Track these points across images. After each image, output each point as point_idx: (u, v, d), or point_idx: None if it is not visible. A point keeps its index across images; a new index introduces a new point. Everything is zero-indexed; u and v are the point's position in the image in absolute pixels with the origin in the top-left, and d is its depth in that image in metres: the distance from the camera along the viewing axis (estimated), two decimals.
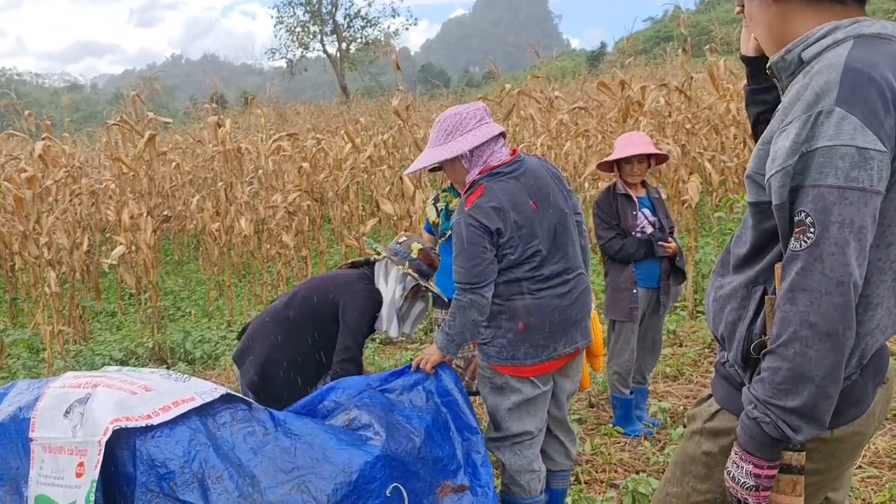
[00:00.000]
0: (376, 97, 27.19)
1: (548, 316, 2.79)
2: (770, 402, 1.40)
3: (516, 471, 2.94)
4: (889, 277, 1.44)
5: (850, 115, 1.30)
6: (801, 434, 1.40)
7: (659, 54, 17.94)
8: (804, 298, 1.34)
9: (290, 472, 2.39)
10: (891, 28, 1.44)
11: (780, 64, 1.50)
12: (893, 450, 3.69)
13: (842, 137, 1.29)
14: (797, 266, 1.35)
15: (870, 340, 1.47)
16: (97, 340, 7.35)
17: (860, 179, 1.30)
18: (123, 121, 7.57)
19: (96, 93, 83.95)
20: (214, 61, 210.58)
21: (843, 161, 1.29)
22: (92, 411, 2.32)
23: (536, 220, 2.78)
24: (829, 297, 1.32)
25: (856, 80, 1.31)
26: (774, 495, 1.51)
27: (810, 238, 1.33)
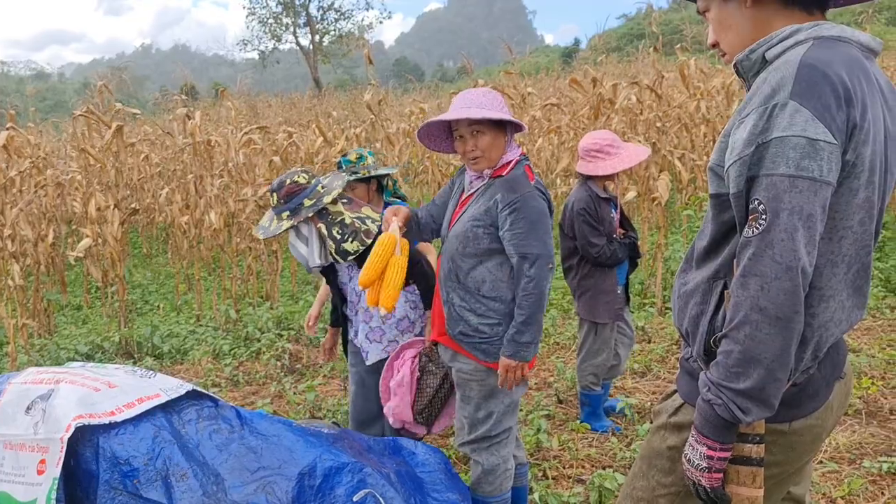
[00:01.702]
0: (349, 90, 27.05)
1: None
2: (722, 384, 1.45)
3: (491, 470, 2.92)
4: (841, 271, 1.49)
5: (803, 108, 1.35)
6: (750, 416, 1.44)
7: (631, 52, 18.07)
8: (755, 283, 1.39)
9: (256, 471, 2.37)
10: (849, 32, 1.49)
11: (745, 63, 1.55)
12: (853, 445, 3.76)
13: (794, 129, 1.35)
14: (749, 252, 1.40)
15: (824, 333, 1.51)
16: (62, 334, 7.23)
17: (810, 169, 1.35)
18: (90, 111, 7.44)
19: (63, 82, 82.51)
20: (185, 52, 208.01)
21: (795, 151, 1.35)
22: (54, 408, 2.29)
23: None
24: (778, 281, 1.37)
25: (810, 76, 1.37)
26: (735, 487, 1.54)
27: (762, 225, 1.38)
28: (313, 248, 3.22)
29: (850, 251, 1.48)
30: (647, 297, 6.94)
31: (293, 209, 3.16)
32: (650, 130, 8.82)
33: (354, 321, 3.46)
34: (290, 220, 3.15)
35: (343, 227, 3.18)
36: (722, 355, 1.46)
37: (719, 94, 10.05)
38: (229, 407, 2.62)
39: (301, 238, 3.22)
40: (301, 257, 3.24)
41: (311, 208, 3.14)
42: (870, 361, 4.82)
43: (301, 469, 2.43)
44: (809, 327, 1.49)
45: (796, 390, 1.54)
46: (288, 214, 3.16)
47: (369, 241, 3.14)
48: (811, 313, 1.49)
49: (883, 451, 3.70)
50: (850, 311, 1.55)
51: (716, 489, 1.53)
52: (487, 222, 2.68)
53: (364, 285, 2.75)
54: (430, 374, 3.23)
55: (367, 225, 3.21)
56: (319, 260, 3.21)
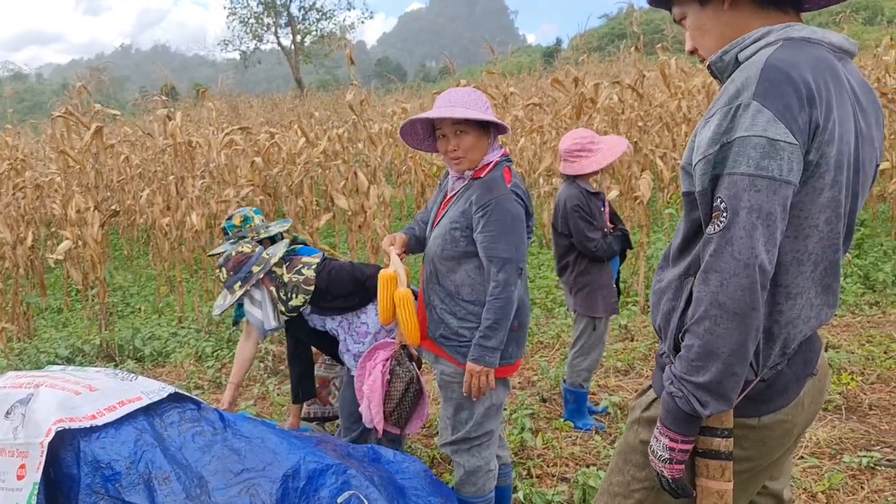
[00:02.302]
0: (331, 91, 26.98)
1: (527, 313, 2.84)
2: (683, 377, 1.49)
3: (473, 471, 2.90)
4: (808, 269, 1.51)
5: (765, 108, 1.38)
6: (709, 409, 1.47)
7: (613, 51, 18.13)
8: (715, 279, 1.42)
9: (239, 473, 2.36)
10: (820, 33, 1.51)
11: (718, 64, 1.57)
12: (833, 440, 3.80)
13: (755, 129, 1.38)
14: (711, 248, 1.44)
15: (791, 330, 1.53)
16: (42, 338, 7.16)
17: (770, 169, 1.38)
18: (69, 112, 7.37)
19: (41, 83, 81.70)
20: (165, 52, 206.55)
21: (755, 151, 1.38)
22: (34, 412, 2.27)
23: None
24: (736, 278, 1.40)
25: (774, 77, 1.39)
26: (705, 480, 1.56)
27: (722, 222, 1.41)
28: (268, 311, 3.40)
29: (815, 249, 1.50)
30: (629, 295, 6.98)
31: (244, 277, 3.38)
32: (632, 129, 8.87)
33: (340, 350, 3.54)
34: (241, 288, 3.37)
35: (284, 287, 3.41)
36: (684, 349, 1.50)
37: (700, 93, 10.12)
38: (212, 409, 2.61)
39: (255, 304, 3.40)
40: (257, 322, 3.40)
41: (261, 272, 3.39)
42: (849, 357, 4.88)
43: (285, 471, 2.42)
44: (777, 324, 1.52)
45: (765, 386, 1.56)
46: (240, 284, 3.38)
47: (311, 288, 3.38)
48: (778, 310, 1.51)
49: (862, 446, 3.74)
50: (820, 309, 1.57)
51: (677, 480, 1.55)
52: (464, 224, 2.66)
53: (386, 324, 2.92)
54: (398, 378, 3.23)
55: (304, 273, 3.43)
56: (275, 322, 3.40)
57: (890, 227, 8.59)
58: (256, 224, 3.69)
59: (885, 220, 9.01)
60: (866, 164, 1.54)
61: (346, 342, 3.46)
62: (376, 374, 3.23)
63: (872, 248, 7.77)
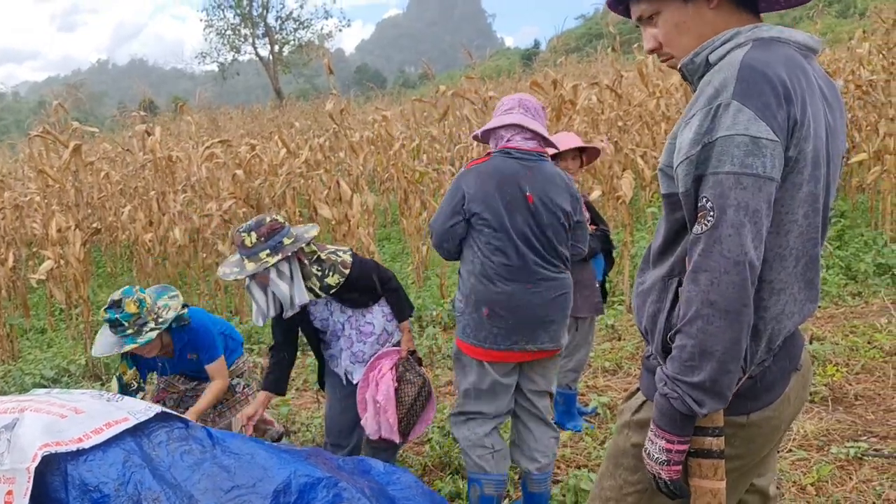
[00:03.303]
0: (311, 100, 26.92)
1: (514, 309, 2.93)
2: (677, 378, 1.49)
3: (465, 445, 3.07)
4: (790, 264, 1.53)
5: (745, 107, 1.40)
6: (705, 408, 1.48)
7: (590, 52, 18.22)
8: (705, 278, 1.43)
9: (230, 491, 2.35)
10: (787, 33, 1.54)
11: (689, 66, 1.59)
12: (821, 432, 3.83)
13: (737, 128, 1.40)
14: (699, 248, 1.44)
15: (776, 325, 1.55)
16: (27, 359, 7.09)
17: (754, 166, 1.40)
18: (46, 131, 7.32)
19: (18, 101, 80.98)
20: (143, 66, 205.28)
21: (738, 149, 1.40)
22: (19, 437, 2.25)
23: (518, 206, 2.93)
24: (727, 276, 1.41)
25: (751, 76, 1.42)
26: (698, 480, 1.57)
27: (710, 221, 1.43)
28: (300, 286, 3.17)
29: (797, 244, 1.52)
30: (615, 294, 7.01)
31: (274, 247, 3.11)
32: (612, 130, 8.92)
33: (334, 348, 3.46)
34: (272, 257, 3.09)
35: (321, 263, 3.24)
36: (676, 350, 1.50)
37: (678, 92, 10.18)
38: (200, 427, 2.59)
39: (283, 277, 3.14)
40: (284, 296, 3.14)
41: (293, 245, 3.14)
42: (833, 349, 4.92)
43: (276, 486, 2.41)
44: (762, 320, 1.53)
45: (752, 383, 1.57)
46: (269, 252, 3.10)
47: (347, 272, 3.23)
48: (763, 306, 1.52)
49: (849, 437, 3.78)
50: (803, 304, 1.59)
51: (675, 481, 1.56)
52: None
53: None
54: (409, 383, 3.28)
55: (341, 256, 3.30)
56: (306, 297, 3.18)
57: (869, 218, 8.68)
58: (152, 306, 3.44)
59: (865, 210, 9.10)
60: (835, 157, 1.57)
61: (351, 337, 3.37)
62: (388, 383, 3.23)
63: (853, 238, 7.84)
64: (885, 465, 3.44)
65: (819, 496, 3.23)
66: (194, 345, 3.61)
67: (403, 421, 3.27)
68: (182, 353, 3.64)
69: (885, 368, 4.60)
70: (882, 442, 3.71)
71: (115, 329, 3.33)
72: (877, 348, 4.92)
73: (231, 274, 3.14)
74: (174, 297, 3.58)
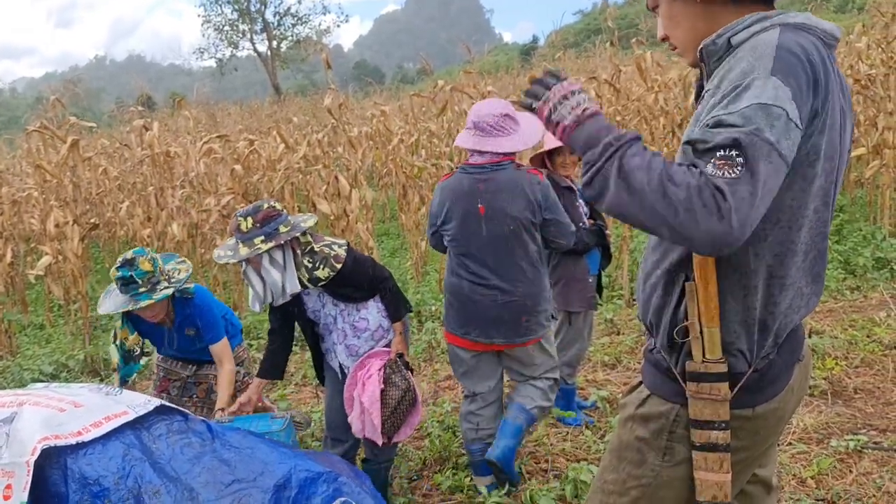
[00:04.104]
0: (309, 95, 26.89)
1: (465, 303, 3.34)
2: (618, 154, 1.40)
3: (459, 416, 3.60)
4: (800, 259, 1.52)
5: (785, 85, 1.32)
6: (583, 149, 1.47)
7: (589, 47, 18.20)
8: (683, 195, 1.30)
9: (230, 484, 2.34)
10: (813, 20, 1.50)
11: (710, 48, 1.53)
12: (820, 425, 3.84)
13: (778, 101, 1.31)
14: (713, 182, 1.30)
15: (783, 320, 1.54)
16: (25, 355, 7.08)
17: (783, 147, 1.31)
18: (44, 126, 7.30)
19: (15, 97, 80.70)
20: (140, 62, 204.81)
21: (778, 122, 1.30)
22: (18, 431, 2.23)
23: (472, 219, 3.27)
24: (706, 222, 1.29)
25: (788, 59, 1.36)
26: (703, 473, 1.57)
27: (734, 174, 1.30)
28: (292, 274, 3.16)
29: (807, 239, 1.50)
30: (614, 289, 7.01)
31: (269, 234, 3.10)
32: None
33: (328, 342, 3.44)
34: (266, 243, 3.07)
35: (313, 255, 3.21)
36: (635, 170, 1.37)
37: (676, 86, 10.17)
38: (199, 420, 2.58)
39: (276, 265, 3.12)
40: (275, 284, 3.13)
41: (288, 234, 3.12)
42: (833, 342, 4.92)
43: (276, 481, 2.40)
44: (772, 315, 1.52)
45: (758, 376, 1.57)
46: (263, 239, 3.08)
47: (339, 266, 3.20)
48: (773, 302, 1.52)
49: (849, 430, 3.78)
50: (809, 298, 1.59)
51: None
52: None
53: None
54: (394, 386, 3.26)
55: (335, 250, 3.26)
56: (297, 287, 3.16)
57: (868, 212, 8.68)
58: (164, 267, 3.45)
59: (863, 205, 9.10)
60: (844, 153, 1.55)
61: (345, 331, 3.36)
62: (374, 384, 3.22)
63: (851, 233, 7.84)
64: (884, 458, 3.45)
65: (819, 489, 3.24)
66: (194, 320, 3.56)
67: (387, 422, 3.25)
68: (181, 327, 3.59)
69: (884, 362, 4.60)
70: (881, 435, 3.71)
71: (126, 287, 3.30)
72: (876, 342, 4.92)
73: (224, 257, 3.14)
74: (182, 262, 3.60)
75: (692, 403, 1.57)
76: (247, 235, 3.10)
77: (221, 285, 8.22)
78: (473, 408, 3.50)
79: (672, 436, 1.64)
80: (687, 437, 1.61)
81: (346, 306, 3.34)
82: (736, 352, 1.56)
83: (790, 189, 1.43)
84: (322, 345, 3.48)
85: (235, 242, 3.16)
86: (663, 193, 1.31)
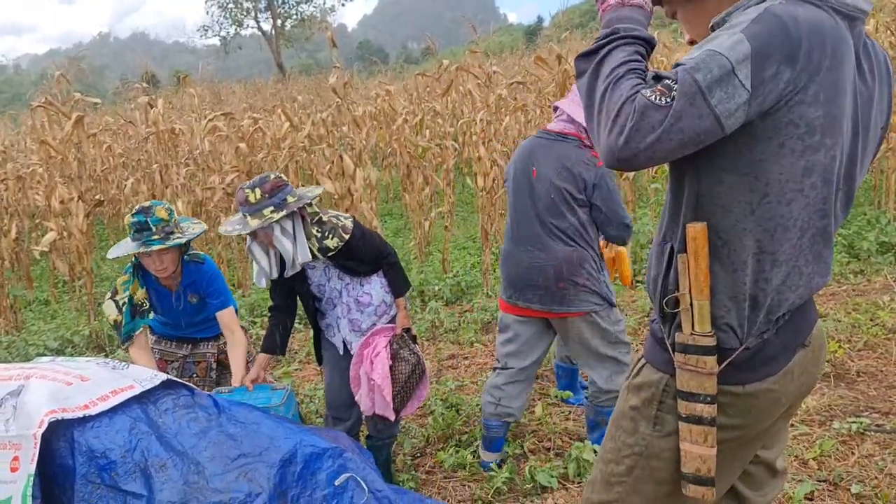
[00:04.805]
0: (314, 75, 26.76)
1: (509, 265, 3.43)
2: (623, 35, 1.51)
3: (483, 388, 3.66)
4: (794, 236, 1.50)
5: (748, 43, 1.34)
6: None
7: (594, 28, 18.05)
8: (616, 98, 1.40)
9: (236, 459, 2.36)
10: None
11: (720, 24, 1.52)
12: (823, 407, 3.85)
13: (729, 52, 1.33)
14: (642, 97, 1.36)
15: (777, 297, 1.53)
16: (30, 330, 7.11)
17: (713, 94, 1.33)
18: (49, 102, 7.28)
19: (19, 74, 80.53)
20: (144, 40, 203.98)
21: (716, 69, 1.33)
22: (25, 404, 2.25)
23: (524, 180, 3.37)
24: (624, 122, 1.36)
25: (769, 22, 1.36)
26: (688, 444, 1.58)
27: (666, 100, 1.35)
28: (303, 244, 3.14)
29: (801, 216, 1.48)
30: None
31: (278, 204, 3.07)
32: None
33: (330, 317, 3.44)
34: (275, 213, 3.04)
35: (321, 224, 3.19)
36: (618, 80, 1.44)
37: None
38: (206, 395, 2.60)
39: (287, 235, 3.10)
40: (286, 252, 3.11)
41: (296, 203, 3.10)
42: (836, 326, 4.92)
43: (282, 456, 2.42)
44: (763, 291, 1.52)
45: (750, 354, 1.56)
46: (272, 209, 3.05)
47: (347, 237, 3.18)
48: (764, 278, 1.51)
49: (852, 412, 3.79)
50: (811, 278, 1.56)
51: None
52: None
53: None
54: (403, 360, 3.28)
55: (343, 221, 3.25)
56: (309, 256, 3.15)
57: (873, 197, 8.65)
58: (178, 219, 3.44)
59: (868, 189, 9.06)
60: (869, 129, 1.53)
61: (349, 305, 3.36)
62: (383, 361, 3.23)
63: (856, 217, 7.82)
64: (886, 440, 3.46)
65: (821, 470, 3.25)
66: (200, 286, 3.52)
67: (397, 398, 3.28)
68: (184, 291, 3.56)
69: (887, 345, 4.61)
70: (884, 418, 3.72)
71: (140, 234, 3.27)
72: (879, 325, 4.92)
73: (234, 230, 3.09)
74: (197, 223, 3.57)
75: (679, 374, 1.58)
76: (255, 207, 3.07)
77: (226, 262, 8.23)
78: (499, 381, 3.51)
79: (662, 405, 1.65)
80: (675, 407, 1.61)
81: (352, 280, 3.34)
82: (725, 326, 1.56)
83: (778, 162, 1.43)
84: (323, 321, 3.47)
85: (243, 216, 3.13)
86: (605, 89, 1.42)
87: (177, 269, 3.46)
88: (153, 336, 3.77)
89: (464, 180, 11.28)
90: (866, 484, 3.10)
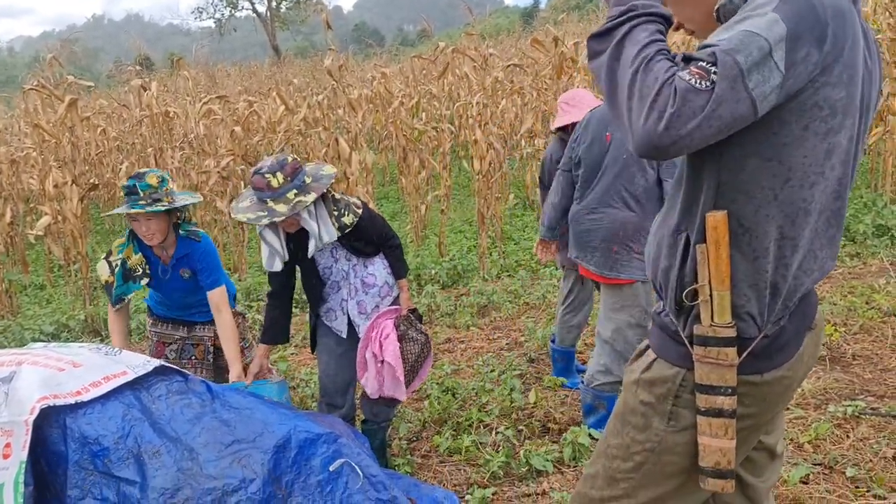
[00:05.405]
0: (309, 57, 26.60)
1: (574, 228, 3.59)
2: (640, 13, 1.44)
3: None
4: (813, 219, 1.47)
5: (783, 23, 1.30)
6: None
7: (592, 10, 17.98)
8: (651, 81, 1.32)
9: (230, 445, 2.35)
10: None
11: (727, 6, 1.49)
12: (818, 391, 3.85)
13: (767, 33, 1.29)
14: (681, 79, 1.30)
15: (794, 282, 1.51)
16: (26, 315, 7.10)
17: (753, 80, 1.29)
18: (41, 85, 7.23)
19: (13, 56, 79.82)
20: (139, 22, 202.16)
21: (757, 52, 1.28)
22: (17, 390, 2.24)
23: (597, 144, 3.47)
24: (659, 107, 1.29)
25: (799, 2, 1.32)
26: (707, 439, 1.55)
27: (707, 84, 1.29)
28: (328, 222, 3.12)
29: (821, 199, 1.46)
30: None
31: (300, 186, 3.03)
32: None
33: (334, 301, 3.40)
34: (305, 196, 3.00)
35: (336, 202, 3.19)
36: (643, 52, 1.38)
37: (680, 50, 10.04)
38: (199, 381, 2.59)
39: (311, 215, 3.08)
40: (314, 233, 3.08)
41: (321, 186, 3.07)
42: (832, 309, 4.92)
43: (276, 441, 2.41)
44: (783, 277, 1.49)
45: (768, 342, 1.54)
46: (295, 192, 3.01)
47: (360, 212, 3.21)
48: (784, 264, 1.48)
49: (847, 396, 3.79)
50: (824, 262, 1.54)
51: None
52: None
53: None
54: (412, 340, 3.28)
55: (350, 199, 3.26)
56: (336, 232, 3.13)
57: (869, 179, 8.64)
58: (171, 188, 3.40)
59: (865, 171, 9.05)
60: (871, 108, 1.51)
61: (356, 286, 3.33)
62: (394, 343, 3.22)
63: (852, 200, 7.81)
64: (881, 423, 3.46)
65: (816, 453, 3.26)
66: (193, 261, 3.48)
67: (407, 377, 3.29)
68: (177, 265, 3.52)
69: (882, 328, 4.61)
70: (879, 401, 3.73)
71: (129, 197, 3.30)
72: (875, 309, 4.92)
73: (263, 218, 2.97)
74: (192, 196, 3.56)
75: (698, 367, 1.55)
76: (279, 192, 3.00)
77: (222, 246, 8.21)
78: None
79: (678, 400, 1.62)
80: (693, 402, 1.58)
81: (358, 261, 3.33)
82: (746, 315, 1.53)
83: (802, 145, 1.40)
84: (323, 306, 3.45)
85: (260, 202, 3.03)
86: (635, 72, 1.34)
87: (166, 240, 3.44)
88: (150, 318, 3.76)
89: (460, 163, 11.24)
90: (861, 467, 3.11)
